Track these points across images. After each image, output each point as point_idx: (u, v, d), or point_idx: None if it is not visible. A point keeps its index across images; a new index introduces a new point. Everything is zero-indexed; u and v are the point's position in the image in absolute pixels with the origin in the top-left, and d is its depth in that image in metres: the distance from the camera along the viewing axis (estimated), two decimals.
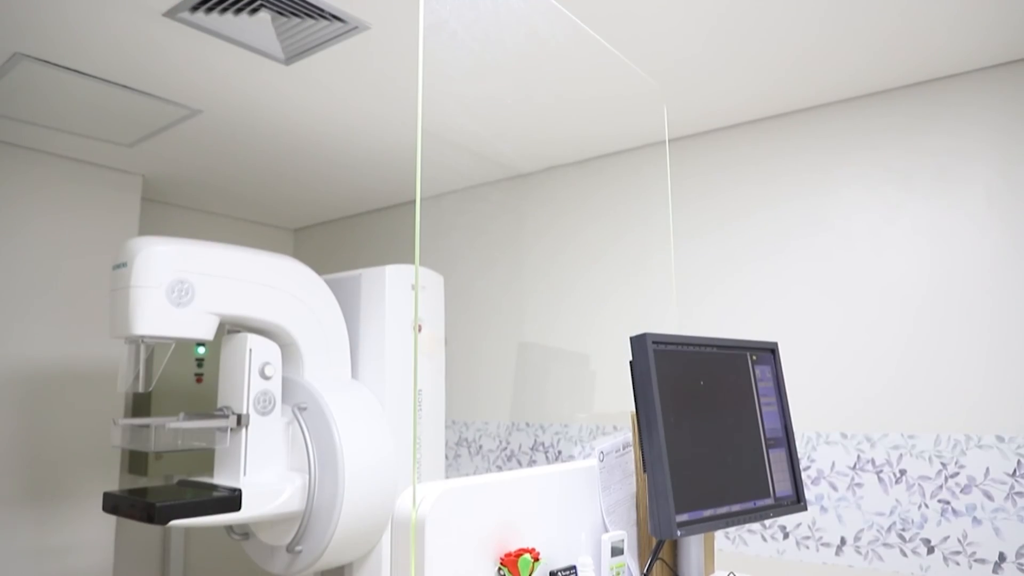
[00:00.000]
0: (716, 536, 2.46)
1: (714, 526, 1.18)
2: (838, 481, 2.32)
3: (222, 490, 2.16)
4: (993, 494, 2.09)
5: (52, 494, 2.89)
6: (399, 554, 0.92)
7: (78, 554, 2.94)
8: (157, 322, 2.03)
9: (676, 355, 1.23)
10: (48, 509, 2.88)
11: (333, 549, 2.25)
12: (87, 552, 2.97)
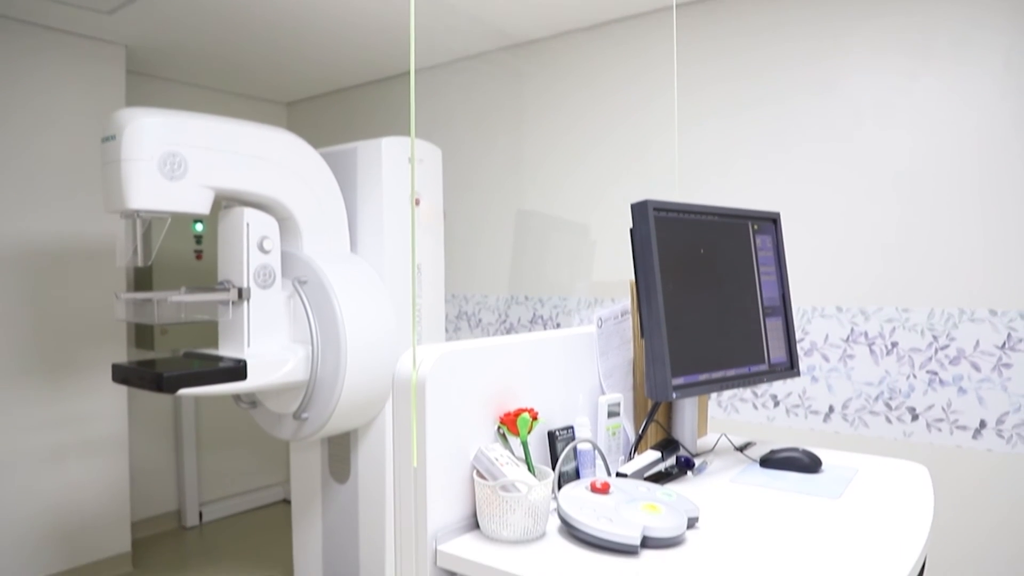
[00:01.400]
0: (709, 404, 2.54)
1: (708, 389, 1.21)
2: (830, 353, 2.37)
3: (227, 361, 2.21)
4: (981, 365, 2.14)
5: (64, 368, 2.96)
6: (400, 415, 0.94)
7: (94, 423, 3.05)
8: (151, 196, 2.00)
9: (677, 223, 1.21)
10: (61, 381, 2.96)
11: (338, 416, 2.33)
12: (102, 421, 3.08)
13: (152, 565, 3.27)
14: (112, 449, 3.12)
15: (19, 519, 2.86)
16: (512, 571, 0.85)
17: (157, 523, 3.68)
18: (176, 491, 3.75)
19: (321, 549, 2.74)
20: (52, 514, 2.95)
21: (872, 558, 0.89)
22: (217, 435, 3.89)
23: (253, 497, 4.05)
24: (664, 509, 0.95)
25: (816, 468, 1.25)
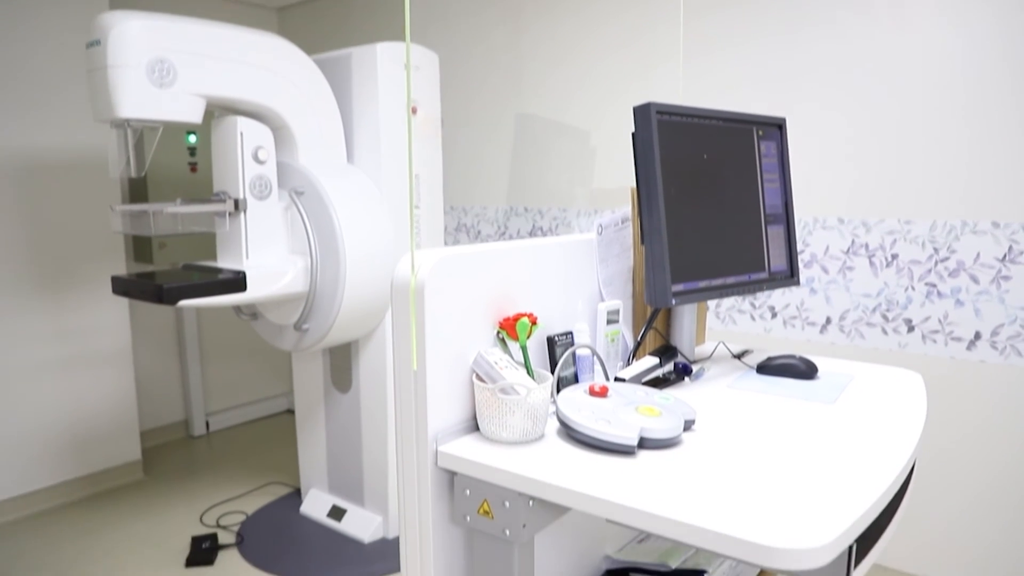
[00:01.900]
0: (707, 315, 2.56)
1: (708, 296, 1.20)
2: (830, 264, 2.37)
3: (227, 273, 2.21)
4: (979, 278, 2.14)
5: (64, 282, 2.96)
6: (399, 319, 0.94)
7: (97, 336, 3.08)
8: (140, 104, 1.95)
9: (680, 127, 1.18)
10: (62, 296, 2.96)
11: (338, 327, 2.35)
12: (105, 335, 3.10)
13: (162, 472, 3.37)
14: (117, 361, 3.16)
15: (32, 429, 2.92)
16: (511, 470, 0.86)
17: (165, 433, 3.77)
18: (182, 402, 3.83)
19: (325, 456, 2.82)
20: (63, 424, 3.02)
21: (863, 459, 0.91)
22: (220, 347, 3.93)
23: (258, 407, 4.14)
24: (661, 412, 0.96)
25: (812, 375, 1.27)
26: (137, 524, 2.85)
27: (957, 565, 2.24)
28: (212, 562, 2.55)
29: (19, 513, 2.91)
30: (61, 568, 2.53)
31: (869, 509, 0.80)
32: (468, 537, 1.02)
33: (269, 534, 2.72)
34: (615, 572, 1.30)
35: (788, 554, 0.71)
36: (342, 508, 2.75)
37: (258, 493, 3.11)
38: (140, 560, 2.58)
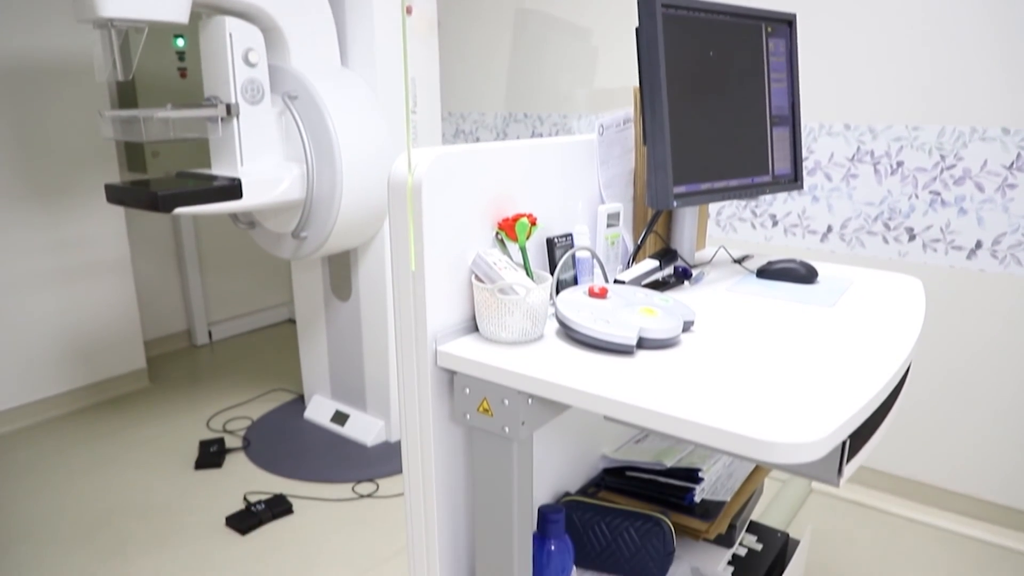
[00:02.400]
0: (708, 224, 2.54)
1: (710, 199, 1.19)
2: (834, 172, 2.34)
3: (222, 180, 2.18)
4: (985, 185, 2.11)
5: (58, 192, 2.93)
6: (397, 219, 0.93)
7: (95, 246, 3.06)
8: (122, 3, 1.87)
9: (686, 21, 1.13)
10: (56, 205, 2.93)
11: (336, 235, 2.33)
12: (103, 244, 3.09)
13: (168, 380, 3.43)
14: (116, 271, 3.16)
15: (36, 339, 2.95)
16: (511, 368, 0.87)
17: (169, 342, 3.81)
18: (184, 312, 3.86)
19: (327, 363, 2.86)
20: (67, 334, 3.04)
21: (859, 360, 0.91)
22: (219, 257, 3.93)
23: (259, 317, 4.17)
24: (660, 312, 0.96)
25: (812, 279, 1.26)
26: (145, 430, 2.92)
27: (949, 470, 2.31)
28: (220, 465, 2.62)
29: (30, 420, 2.97)
30: (74, 471, 2.61)
31: (863, 408, 0.81)
32: (468, 436, 1.03)
33: (274, 438, 2.79)
34: (612, 471, 1.33)
35: (783, 448, 0.72)
36: (345, 413, 2.81)
37: (262, 400, 3.17)
38: (150, 464, 2.66)
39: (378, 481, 2.50)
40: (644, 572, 1.17)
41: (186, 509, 2.36)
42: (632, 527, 1.16)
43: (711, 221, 2.62)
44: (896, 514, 2.32)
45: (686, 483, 1.25)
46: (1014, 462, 2.19)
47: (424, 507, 1.02)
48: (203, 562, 2.10)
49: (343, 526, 2.27)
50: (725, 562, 1.27)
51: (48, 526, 2.27)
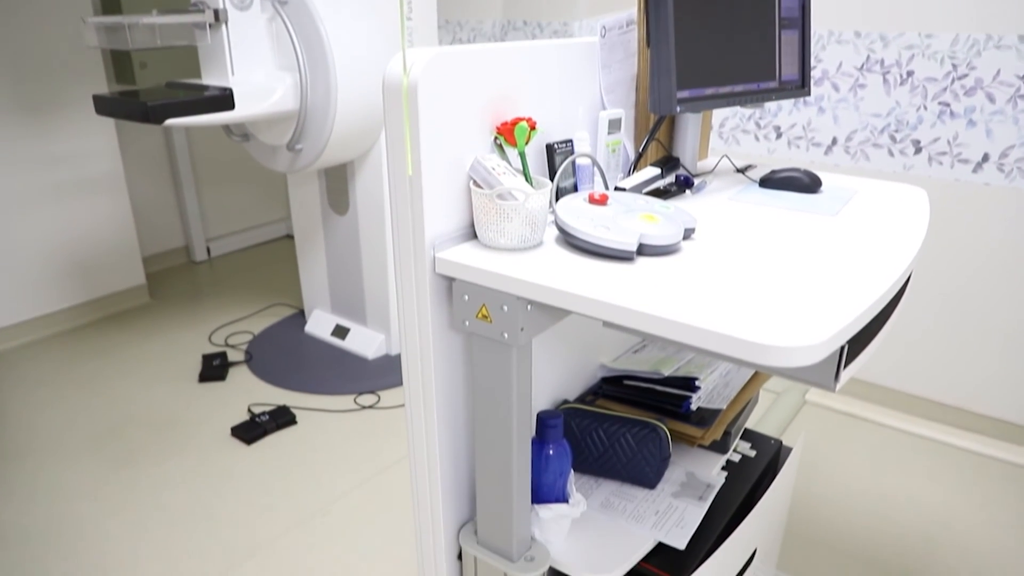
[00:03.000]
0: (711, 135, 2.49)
1: (714, 104, 1.15)
2: (841, 82, 2.27)
3: (213, 90, 2.12)
4: (996, 97, 2.06)
5: (46, 106, 2.85)
6: (392, 122, 0.90)
7: (87, 161, 3.01)
8: None
9: None
10: (45, 119, 2.87)
11: (332, 147, 2.29)
12: (95, 159, 3.04)
13: (168, 296, 3.44)
14: (110, 186, 3.12)
15: (34, 255, 2.94)
16: (510, 274, 0.86)
17: (167, 258, 3.81)
18: (182, 228, 3.84)
19: (326, 277, 2.86)
20: (65, 250, 3.03)
21: (861, 267, 0.91)
22: (215, 172, 3.88)
23: (258, 233, 4.15)
24: (661, 219, 0.95)
25: (815, 188, 1.24)
26: (148, 344, 2.94)
27: (941, 382, 2.35)
28: (224, 378, 2.66)
29: (32, 336, 3.00)
30: (80, 385, 2.65)
31: (863, 314, 0.81)
32: (467, 344, 1.04)
33: (276, 352, 2.82)
34: (610, 380, 1.35)
35: (782, 351, 0.72)
36: (345, 327, 2.83)
37: (263, 315, 3.19)
38: (155, 377, 2.70)
39: (379, 393, 2.55)
40: (640, 477, 1.20)
41: (192, 420, 2.41)
42: (629, 433, 1.18)
43: (714, 134, 2.57)
44: (887, 425, 2.37)
45: (683, 391, 1.26)
46: (1005, 375, 2.22)
47: (424, 413, 1.03)
48: (210, 471, 2.16)
49: (346, 436, 2.32)
50: (719, 467, 1.30)
51: (58, 438, 2.32)
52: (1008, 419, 2.25)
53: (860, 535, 1.89)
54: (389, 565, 1.80)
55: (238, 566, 1.80)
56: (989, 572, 1.77)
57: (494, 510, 1.04)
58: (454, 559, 1.14)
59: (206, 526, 1.94)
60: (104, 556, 1.84)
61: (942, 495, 2.04)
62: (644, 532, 1.12)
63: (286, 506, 2.01)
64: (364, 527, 1.93)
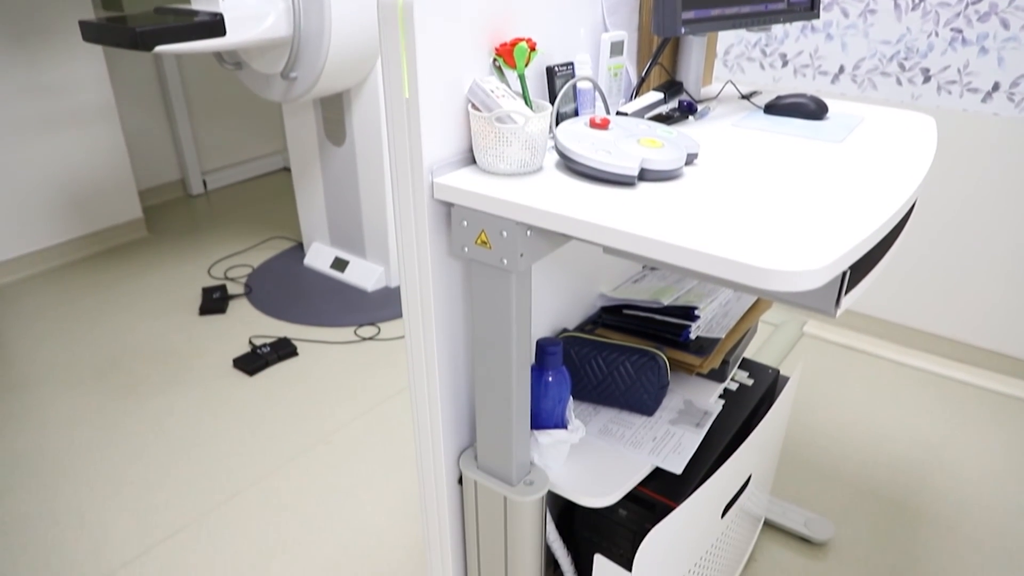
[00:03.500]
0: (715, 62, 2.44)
1: (721, 26, 1.12)
2: (851, 7, 2.21)
3: (203, 15, 2.06)
4: (1011, 23, 2.00)
5: (33, 33, 2.77)
6: (387, 45, 0.87)
7: (77, 91, 2.95)
8: None
9: None
10: (32, 47, 2.79)
11: (327, 75, 2.24)
12: (85, 89, 2.97)
13: (166, 229, 3.42)
14: (102, 117, 3.06)
15: (28, 188, 2.91)
16: (509, 199, 0.85)
17: (163, 192, 3.77)
18: (177, 161, 3.79)
19: (324, 210, 2.84)
20: (59, 183, 3.00)
21: (865, 194, 0.89)
22: (208, 103, 3.80)
23: (254, 166, 4.11)
24: (664, 144, 0.93)
25: (821, 115, 1.22)
26: (147, 278, 2.94)
27: (938, 315, 2.35)
28: (224, 311, 2.67)
29: (31, 270, 2.99)
30: (81, 319, 2.66)
31: (866, 239, 0.80)
32: (466, 272, 1.03)
33: (276, 285, 2.82)
34: (609, 309, 1.35)
35: (784, 276, 0.72)
36: (344, 260, 2.83)
37: (261, 248, 3.18)
38: (155, 310, 2.70)
39: (379, 325, 2.56)
40: (639, 404, 1.21)
41: (193, 352, 2.43)
42: (628, 361, 1.19)
43: (718, 62, 2.51)
44: (884, 357, 2.39)
45: (682, 321, 1.27)
46: (1004, 308, 2.23)
47: (424, 339, 1.03)
48: (214, 401, 2.19)
49: (346, 367, 2.34)
50: (716, 395, 1.31)
51: (61, 370, 2.35)
52: (1005, 351, 2.27)
53: (853, 463, 1.93)
54: (391, 491, 1.84)
55: (243, 492, 1.84)
56: (978, 500, 1.82)
57: (494, 436, 1.06)
58: (455, 483, 1.17)
59: (211, 453, 1.97)
60: (114, 482, 1.88)
61: (936, 426, 2.08)
62: (641, 457, 1.14)
63: (289, 435, 2.04)
64: (366, 455, 1.97)
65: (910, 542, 1.69)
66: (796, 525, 1.70)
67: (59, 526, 1.74)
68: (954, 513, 1.77)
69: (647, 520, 1.16)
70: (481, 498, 1.11)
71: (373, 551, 1.67)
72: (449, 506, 1.18)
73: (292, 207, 3.61)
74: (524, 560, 1.13)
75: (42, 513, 1.78)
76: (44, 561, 1.65)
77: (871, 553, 1.66)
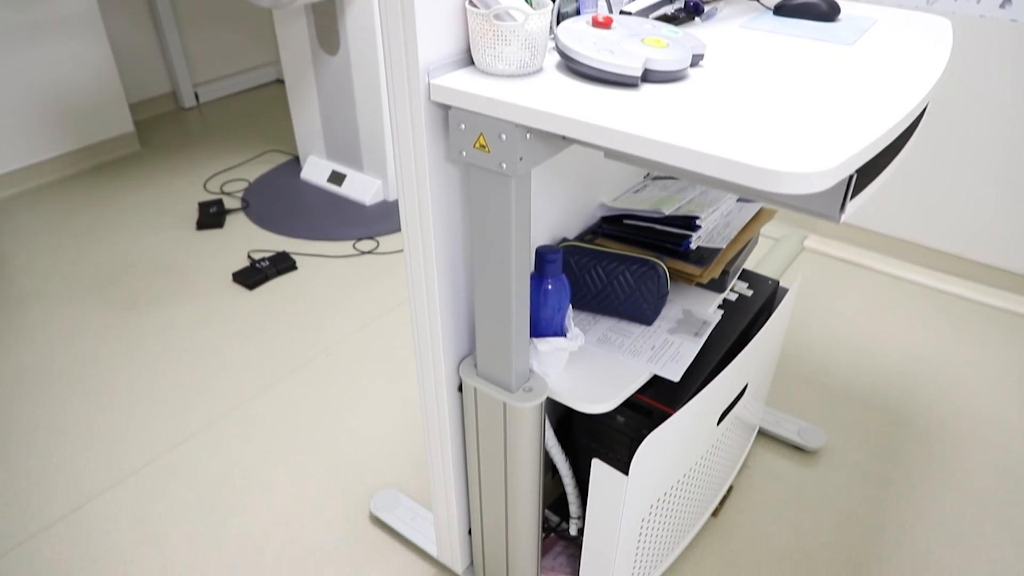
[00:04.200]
0: None
1: None
2: None
3: None
4: None
5: None
6: None
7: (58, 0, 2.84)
8: None
9: None
10: None
11: None
12: None
13: (158, 144, 3.36)
14: (86, 27, 2.96)
15: (16, 101, 2.84)
16: (508, 100, 0.82)
17: (155, 105, 3.69)
18: (167, 72, 3.69)
19: (320, 122, 2.79)
20: (46, 95, 2.92)
21: (875, 97, 0.87)
22: (197, 11, 3.67)
23: (246, 77, 4.00)
24: (668, 44, 0.89)
25: (833, 16, 1.17)
26: (143, 193, 2.91)
27: (939, 229, 2.34)
28: (221, 225, 2.65)
29: (24, 185, 2.95)
30: (77, 234, 2.64)
31: (874, 142, 0.78)
32: (464, 178, 1.01)
33: (273, 199, 2.80)
34: (610, 219, 1.33)
35: (791, 177, 0.70)
36: (341, 173, 2.79)
37: (257, 162, 3.13)
38: (152, 225, 2.68)
39: (378, 239, 2.55)
40: (638, 313, 1.22)
41: (192, 267, 2.42)
42: (628, 270, 1.18)
43: None
44: (882, 271, 2.39)
45: (683, 230, 1.25)
46: (1005, 222, 2.21)
47: (423, 246, 1.02)
48: (215, 315, 2.20)
49: (346, 281, 2.35)
50: (716, 305, 1.31)
51: (61, 285, 2.35)
52: (1004, 267, 2.27)
53: (847, 374, 1.96)
54: (392, 401, 1.88)
55: (247, 403, 1.87)
56: (968, 411, 1.85)
57: (493, 343, 1.06)
58: (454, 391, 1.18)
59: (214, 365, 2.00)
60: (120, 394, 1.91)
61: (931, 339, 2.10)
62: (640, 365, 1.15)
63: (290, 348, 2.06)
64: (367, 366, 1.99)
65: (899, 451, 1.73)
66: (789, 434, 1.74)
67: (68, 436, 1.78)
68: (944, 424, 1.80)
69: (644, 427, 1.18)
70: (481, 405, 1.13)
71: (375, 459, 1.71)
72: (449, 413, 1.19)
73: (287, 120, 3.53)
74: (523, 465, 1.15)
75: (51, 424, 1.81)
76: (56, 468, 1.69)
77: (861, 460, 1.70)
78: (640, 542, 1.24)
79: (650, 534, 1.26)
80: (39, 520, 1.57)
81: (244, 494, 1.63)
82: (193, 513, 1.58)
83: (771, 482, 1.65)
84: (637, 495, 1.14)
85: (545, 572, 1.39)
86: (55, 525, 1.56)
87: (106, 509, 1.59)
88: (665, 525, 1.30)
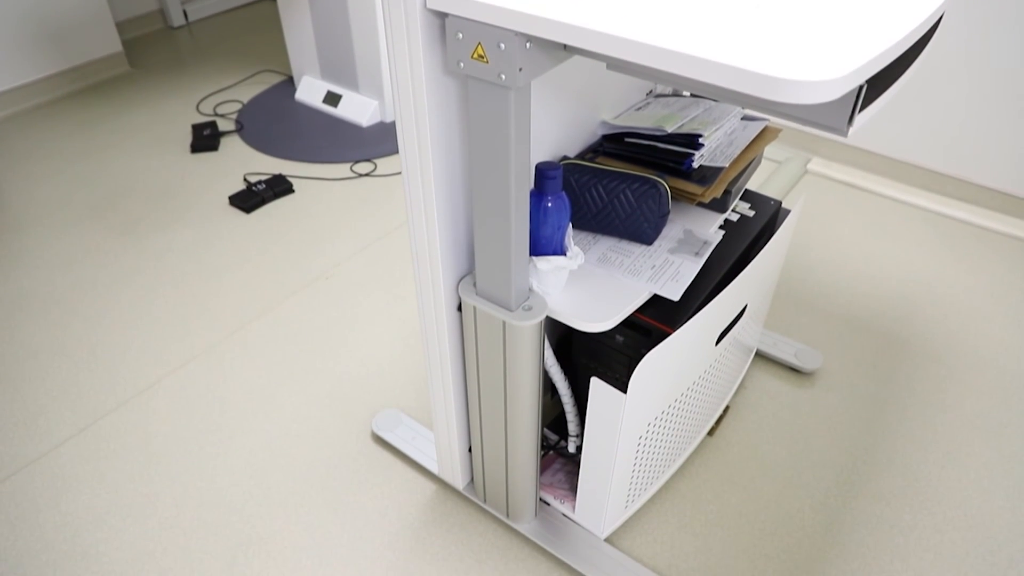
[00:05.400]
0: None
1: None
2: None
3: None
4: None
5: None
6: None
7: None
8: None
9: None
10: None
11: None
12: None
13: (148, 64, 3.28)
14: None
15: None
16: (507, 6, 0.79)
17: (143, 23, 3.58)
18: None
19: (314, 41, 2.70)
20: (29, 14, 2.83)
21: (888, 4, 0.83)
22: None
23: None
24: None
25: None
26: (134, 115, 2.85)
27: (943, 152, 2.30)
28: (216, 148, 2.61)
29: (12, 108, 2.89)
30: (70, 158, 2.60)
31: (888, 50, 0.75)
32: (462, 92, 0.98)
33: (268, 121, 2.74)
34: (611, 137, 1.31)
35: (799, 86, 0.68)
36: (337, 94, 2.73)
37: (250, 82, 3.06)
38: (145, 148, 2.64)
39: (375, 161, 2.51)
40: (639, 233, 1.20)
41: (188, 190, 2.40)
42: (629, 189, 1.16)
43: None
44: (886, 195, 2.37)
45: (686, 148, 1.23)
46: (1011, 145, 2.17)
47: (420, 163, 1.00)
48: (213, 238, 2.18)
49: (344, 203, 2.32)
50: (717, 225, 1.30)
51: (57, 209, 2.32)
52: (1006, 190, 2.24)
53: (846, 297, 1.96)
54: (392, 323, 1.88)
55: (247, 325, 1.88)
56: (965, 334, 1.86)
57: (492, 262, 1.05)
58: (454, 311, 1.18)
59: (214, 289, 2.00)
60: (121, 318, 1.91)
61: (931, 262, 2.09)
62: (640, 284, 1.14)
63: (289, 271, 2.06)
64: (366, 289, 1.99)
65: (895, 372, 1.75)
66: (786, 356, 1.75)
67: (71, 359, 1.79)
68: (941, 346, 1.82)
69: (643, 346, 1.19)
70: (480, 324, 1.13)
71: (376, 379, 1.73)
72: (449, 333, 1.20)
73: (280, 39, 3.43)
74: (522, 384, 1.16)
75: (53, 348, 1.82)
76: (61, 391, 1.71)
77: (856, 381, 1.72)
78: (637, 459, 1.27)
79: (647, 451, 1.28)
80: (48, 440, 1.60)
81: (247, 414, 1.65)
82: (198, 432, 1.61)
83: (767, 402, 1.67)
84: (635, 413, 1.15)
85: (544, 488, 1.43)
86: (64, 444, 1.58)
87: (113, 429, 1.62)
88: (662, 443, 1.32)
